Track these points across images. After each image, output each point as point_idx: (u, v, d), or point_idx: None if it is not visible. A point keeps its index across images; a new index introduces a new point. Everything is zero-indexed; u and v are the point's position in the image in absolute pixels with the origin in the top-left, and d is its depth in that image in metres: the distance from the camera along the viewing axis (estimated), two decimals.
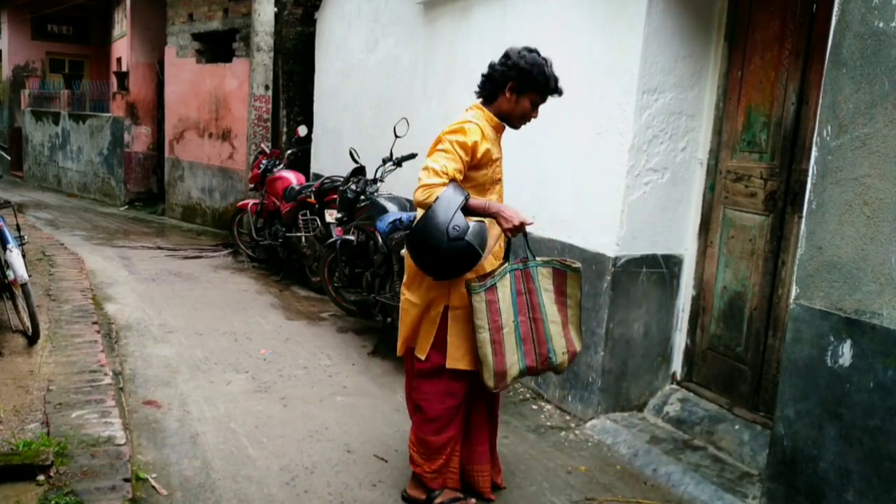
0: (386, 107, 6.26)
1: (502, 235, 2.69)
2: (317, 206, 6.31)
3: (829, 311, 2.54)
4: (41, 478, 2.69)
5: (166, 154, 11.00)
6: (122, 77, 12.12)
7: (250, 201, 7.55)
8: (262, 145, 8.02)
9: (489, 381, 2.63)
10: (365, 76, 6.71)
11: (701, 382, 3.80)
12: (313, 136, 8.00)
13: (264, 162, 7.41)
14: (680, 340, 3.90)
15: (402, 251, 3.91)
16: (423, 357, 2.77)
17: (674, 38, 3.54)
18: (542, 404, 4.07)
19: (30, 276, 4.30)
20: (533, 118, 2.80)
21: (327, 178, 6.30)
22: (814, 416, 2.58)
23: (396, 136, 5.01)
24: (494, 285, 2.59)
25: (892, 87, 2.34)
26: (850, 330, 2.46)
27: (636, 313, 3.75)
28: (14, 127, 16.81)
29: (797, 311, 2.65)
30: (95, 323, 4.71)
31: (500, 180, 2.82)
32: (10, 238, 4.23)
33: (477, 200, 2.61)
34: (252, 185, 7.72)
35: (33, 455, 2.76)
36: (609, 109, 3.65)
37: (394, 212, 4.71)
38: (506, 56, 2.70)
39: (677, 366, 3.92)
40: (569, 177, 3.95)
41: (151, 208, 11.71)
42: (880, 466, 2.37)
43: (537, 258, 2.74)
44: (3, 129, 18.30)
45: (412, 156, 5.04)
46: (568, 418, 3.89)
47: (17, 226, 4.72)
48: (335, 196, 5.78)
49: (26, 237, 4.94)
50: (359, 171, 5.49)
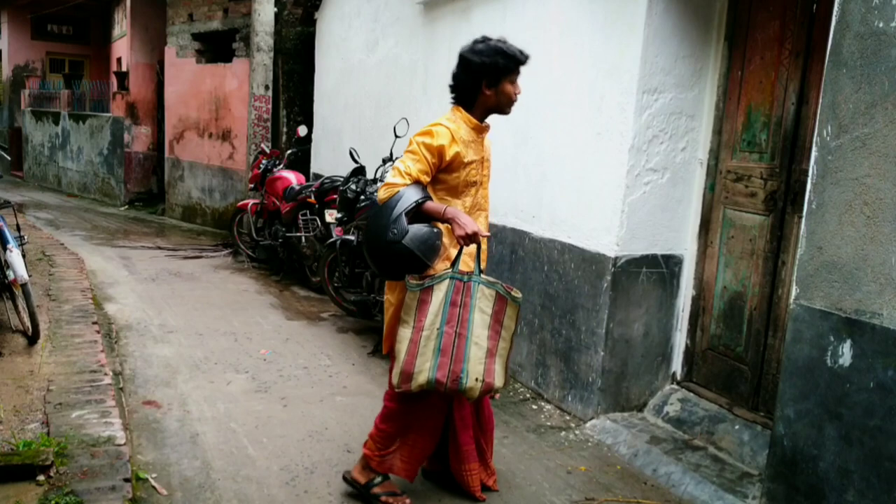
0: (386, 107, 6.26)
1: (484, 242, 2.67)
2: (317, 206, 6.31)
3: (829, 311, 2.54)
4: (41, 478, 2.69)
5: (166, 154, 11.00)
6: (122, 77, 12.12)
7: (250, 201, 7.55)
8: (262, 145, 8.03)
9: (395, 378, 2.61)
10: (365, 76, 6.71)
11: (701, 382, 3.80)
12: (313, 136, 8.00)
13: (264, 162, 7.42)
14: (680, 340, 3.90)
15: None
16: (384, 352, 2.84)
17: (674, 39, 3.54)
18: (542, 404, 4.08)
19: (30, 276, 4.31)
20: (518, 95, 2.74)
21: (327, 178, 6.30)
22: (814, 416, 2.58)
23: (396, 136, 5.02)
24: (431, 287, 2.56)
25: (892, 87, 2.35)
26: (850, 330, 2.46)
27: (636, 313, 3.75)
28: (14, 127, 16.81)
29: (797, 311, 2.65)
30: (95, 323, 4.71)
31: (476, 183, 2.74)
32: (10, 238, 4.23)
33: (434, 205, 2.57)
34: (252, 185, 7.72)
35: (33, 455, 2.76)
36: (609, 109, 3.65)
37: None
38: (464, 61, 2.67)
39: (677, 366, 3.92)
40: (569, 177, 3.96)
41: (151, 208, 11.71)
42: (880, 466, 2.37)
43: (483, 276, 2.63)
44: (3, 129, 18.31)
45: None
46: (568, 418, 3.89)
47: (17, 226, 4.73)
48: (335, 196, 5.78)
49: (26, 237, 4.95)
50: (359, 171, 5.50)
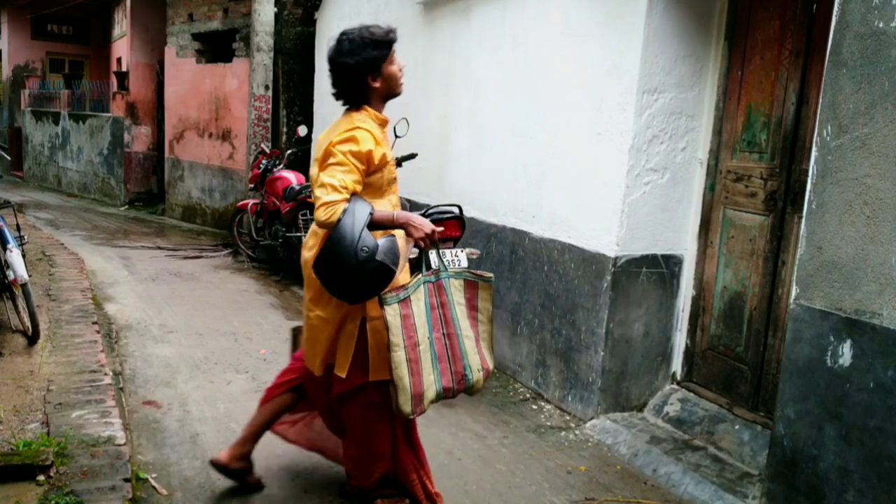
0: (386, 107, 6.25)
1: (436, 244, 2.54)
2: None
3: (829, 311, 2.54)
4: (41, 478, 2.69)
5: (166, 154, 11.00)
6: (122, 77, 12.12)
7: (250, 201, 7.54)
8: (262, 145, 8.03)
9: (405, 407, 2.39)
10: None
11: (701, 382, 3.80)
12: (313, 136, 7.99)
13: (264, 162, 7.41)
14: (680, 340, 3.90)
15: None
16: (343, 375, 2.56)
17: (674, 39, 3.54)
18: (542, 404, 4.07)
19: (30, 276, 4.31)
20: (403, 68, 2.66)
21: None
22: (814, 416, 2.58)
23: (396, 136, 4.99)
24: (409, 297, 2.41)
25: (892, 87, 2.35)
26: (850, 330, 2.46)
27: (636, 313, 3.75)
28: (14, 127, 16.80)
29: (797, 311, 2.65)
30: (95, 323, 4.71)
31: (395, 179, 2.67)
32: (10, 238, 4.23)
33: (383, 213, 2.47)
34: (252, 185, 7.71)
35: (33, 455, 2.76)
36: (609, 110, 3.65)
37: None
38: (341, 66, 2.54)
39: (677, 366, 3.92)
40: (569, 177, 3.96)
41: (151, 208, 11.71)
42: (880, 466, 2.37)
43: (449, 269, 2.58)
44: (3, 129, 18.31)
45: (412, 156, 5.04)
46: (568, 418, 3.89)
47: (17, 226, 4.73)
48: None
49: (26, 237, 4.95)
50: None
